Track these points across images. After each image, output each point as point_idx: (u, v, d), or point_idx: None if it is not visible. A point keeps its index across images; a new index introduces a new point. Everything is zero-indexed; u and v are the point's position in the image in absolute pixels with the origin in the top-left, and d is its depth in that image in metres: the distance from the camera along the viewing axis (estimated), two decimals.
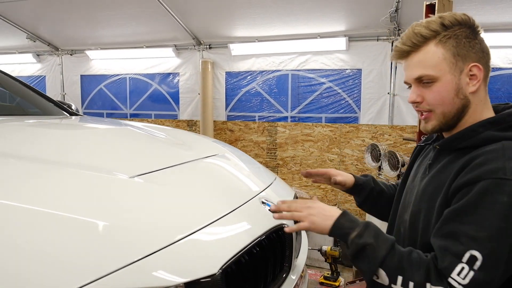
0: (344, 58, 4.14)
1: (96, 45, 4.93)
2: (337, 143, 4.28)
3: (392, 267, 0.82)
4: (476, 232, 0.77)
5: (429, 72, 0.89)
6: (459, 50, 0.88)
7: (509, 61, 3.51)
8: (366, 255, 0.85)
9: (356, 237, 0.86)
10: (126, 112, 5.14)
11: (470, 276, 0.75)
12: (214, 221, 0.86)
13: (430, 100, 0.91)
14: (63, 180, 0.84)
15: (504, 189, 0.77)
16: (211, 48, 4.61)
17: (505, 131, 0.87)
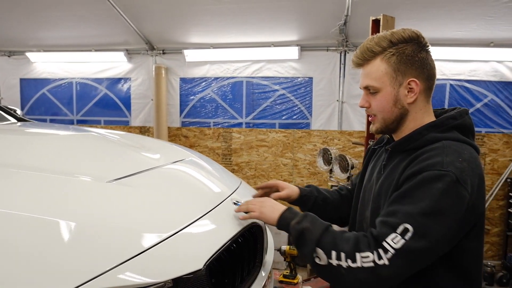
0: (296, 66, 4.33)
1: (38, 46, 4.65)
2: (290, 148, 4.44)
3: (327, 244, 0.93)
4: (411, 209, 0.88)
5: (373, 84, 1.05)
6: (399, 66, 1.02)
7: (441, 72, 3.90)
8: (304, 237, 0.96)
9: (295, 223, 0.99)
10: (73, 118, 4.89)
11: (401, 243, 0.85)
12: (194, 221, 0.90)
13: (374, 107, 1.07)
14: (37, 185, 0.83)
15: (440, 178, 0.89)
16: (165, 53, 4.57)
17: (444, 132, 1.02)
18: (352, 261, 0.88)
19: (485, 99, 3.88)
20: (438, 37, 3.64)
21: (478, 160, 0.98)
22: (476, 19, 3.34)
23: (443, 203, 0.87)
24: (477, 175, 0.93)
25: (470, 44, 3.67)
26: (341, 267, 0.89)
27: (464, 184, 0.89)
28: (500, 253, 3.95)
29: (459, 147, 0.98)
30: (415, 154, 0.99)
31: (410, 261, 0.87)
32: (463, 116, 1.05)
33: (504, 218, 3.87)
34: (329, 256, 0.91)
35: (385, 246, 0.87)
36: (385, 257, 0.86)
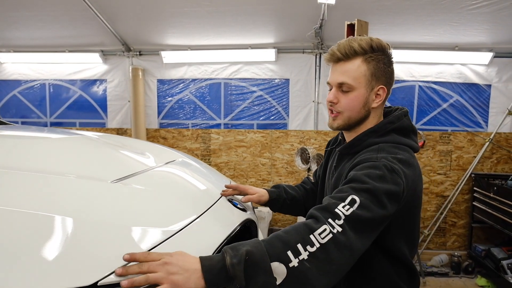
0: (273, 68, 4.42)
1: (8, 47, 4.50)
2: (268, 148, 4.53)
3: (277, 249, 0.80)
4: (356, 186, 0.94)
5: (350, 82, 1.09)
6: (376, 71, 1.10)
7: (410, 74, 4.12)
8: (252, 264, 0.77)
9: (232, 258, 0.77)
10: (46, 120, 4.76)
11: (351, 210, 0.88)
12: (196, 218, 0.96)
13: (343, 104, 1.12)
14: (49, 186, 0.86)
15: (376, 167, 0.98)
16: (142, 55, 4.54)
17: (382, 136, 1.12)
18: (310, 245, 0.81)
19: (450, 99, 4.13)
20: (407, 41, 3.85)
21: (411, 161, 1.06)
22: (443, 25, 3.56)
23: (382, 185, 0.94)
24: (410, 170, 1.02)
25: (437, 48, 3.90)
26: (304, 262, 0.79)
27: (397, 173, 0.97)
28: (466, 243, 4.20)
29: (393, 148, 1.07)
30: (355, 158, 1.10)
31: (360, 226, 0.88)
32: (401, 119, 1.14)
33: (469, 211, 4.12)
34: (287, 260, 0.78)
35: (337, 212, 0.87)
36: (337, 224, 0.85)
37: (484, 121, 4.12)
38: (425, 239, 4.22)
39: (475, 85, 4.07)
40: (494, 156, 4.11)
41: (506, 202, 3.36)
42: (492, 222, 3.61)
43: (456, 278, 3.90)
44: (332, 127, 1.17)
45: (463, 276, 3.93)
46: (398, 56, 4.00)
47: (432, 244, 4.28)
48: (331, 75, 1.14)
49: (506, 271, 3.43)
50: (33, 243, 0.69)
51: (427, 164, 4.20)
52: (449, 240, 4.27)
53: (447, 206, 4.17)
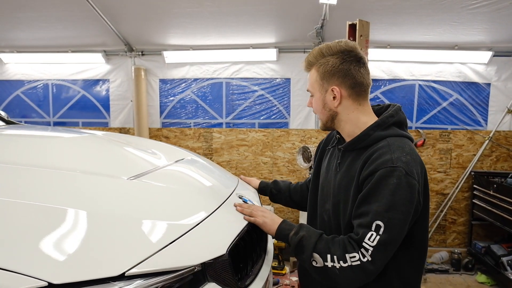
0: (274, 68, 4.46)
1: (11, 47, 4.52)
2: (269, 147, 4.57)
3: (322, 249, 1.09)
4: (378, 208, 1.05)
5: (310, 89, 1.27)
6: (324, 75, 1.21)
7: (410, 73, 4.16)
8: (302, 245, 1.11)
9: (293, 234, 1.14)
10: (49, 120, 4.79)
11: (377, 239, 1.03)
12: (211, 212, 1.00)
13: (313, 108, 1.29)
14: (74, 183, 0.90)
15: (393, 174, 1.07)
16: (144, 55, 4.57)
17: (386, 130, 1.21)
18: (343, 262, 1.05)
19: (450, 98, 4.18)
20: (408, 40, 3.89)
21: (415, 150, 1.18)
22: (442, 24, 3.60)
23: (400, 194, 1.05)
24: (418, 163, 1.13)
25: (437, 47, 3.95)
26: (335, 268, 1.06)
27: (412, 175, 1.07)
28: (466, 241, 4.25)
29: (400, 142, 1.17)
30: (367, 154, 1.17)
31: (387, 251, 1.05)
32: (398, 113, 1.25)
33: (469, 208, 4.17)
34: (324, 259, 1.07)
35: (365, 245, 1.04)
36: (367, 255, 1.04)
37: (483, 120, 4.17)
38: None
39: (475, 83, 4.11)
40: (493, 154, 4.16)
41: (506, 200, 3.41)
42: (492, 219, 3.66)
43: (456, 275, 3.95)
44: (321, 127, 1.34)
45: (463, 273, 3.98)
46: (398, 56, 4.05)
47: (432, 242, 4.33)
48: None
49: (506, 268, 3.48)
50: (63, 235, 0.73)
51: (427, 162, 4.24)
52: (449, 237, 4.32)
53: (447, 203, 4.21)
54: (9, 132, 1.46)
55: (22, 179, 0.89)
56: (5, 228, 0.70)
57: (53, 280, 0.63)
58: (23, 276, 0.62)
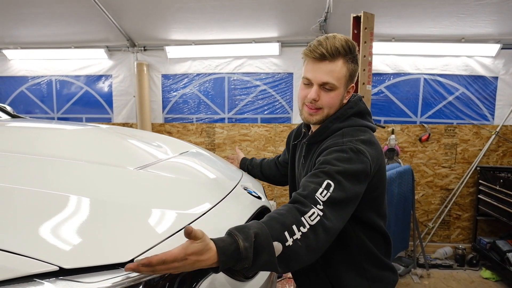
0: (277, 62, 4.43)
1: (15, 44, 4.52)
2: (272, 142, 4.55)
3: (277, 230, 0.89)
4: (329, 170, 1.04)
5: (334, 82, 1.16)
6: (352, 72, 1.19)
7: (416, 67, 4.12)
8: (259, 245, 0.85)
9: (244, 241, 0.83)
10: (53, 116, 4.80)
11: (328, 195, 0.99)
12: (218, 202, 0.99)
13: (324, 102, 1.19)
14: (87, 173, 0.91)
15: (342, 149, 1.09)
16: (146, 50, 4.55)
17: (344, 121, 1.21)
18: (302, 226, 0.93)
19: (456, 92, 4.14)
20: (413, 33, 3.84)
21: (372, 140, 1.18)
22: (449, 17, 3.55)
23: (351, 166, 1.05)
24: (373, 149, 1.13)
25: (443, 40, 3.90)
26: (297, 241, 0.90)
27: (363, 153, 1.08)
28: (470, 236, 4.22)
29: (356, 132, 1.17)
30: (322, 145, 1.19)
31: (338, 210, 1.00)
32: (357, 104, 1.25)
33: (474, 204, 4.14)
34: (284, 240, 0.89)
35: (317, 198, 0.98)
36: (318, 208, 0.97)
37: (490, 114, 4.12)
38: (429, 232, 4.24)
39: (482, 77, 4.06)
40: (500, 149, 4.12)
41: None
42: (498, 214, 3.63)
43: (461, 271, 3.93)
44: (310, 121, 1.24)
45: (468, 269, 3.95)
46: (403, 49, 4.01)
47: (436, 237, 4.30)
48: (314, 72, 1.16)
49: (511, 263, 3.45)
50: (73, 222, 0.73)
51: (431, 157, 4.21)
52: (453, 233, 4.29)
53: (451, 199, 4.18)
54: (16, 124, 1.46)
55: (32, 168, 0.90)
56: (17, 214, 0.71)
57: (64, 264, 0.64)
58: (35, 260, 0.63)
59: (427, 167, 4.23)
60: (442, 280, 3.72)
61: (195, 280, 0.83)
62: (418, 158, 4.23)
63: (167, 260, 0.70)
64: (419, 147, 4.21)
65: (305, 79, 1.19)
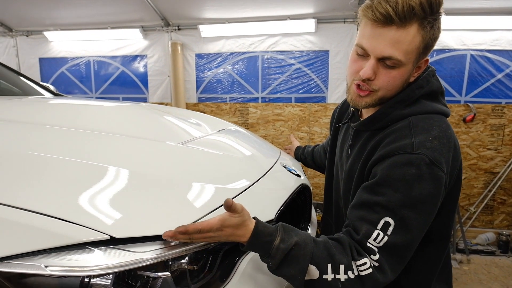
0: (312, 40, 4.30)
1: (55, 25, 4.67)
2: (306, 122, 4.48)
3: (321, 257, 0.79)
4: (388, 201, 0.80)
5: (400, 57, 0.83)
6: (430, 42, 0.84)
7: (462, 42, 3.86)
8: (294, 256, 0.77)
9: (282, 241, 0.78)
10: (92, 95, 4.96)
11: (384, 240, 0.79)
12: (258, 179, 0.98)
13: (381, 83, 0.86)
14: (138, 147, 0.95)
15: (412, 163, 0.80)
16: (180, 29, 4.56)
17: (410, 106, 0.90)
18: (351, 271, 0.79)
19: (507, 69, 3.84)
20: (460, 6, 3.58)
21: (448, 131, 0.87)
22: None
23: (420, 189, 0.79)
24: (451, 150, 0.85)
25: (493, 13, 3.60)
26: (338, 282, 0.78)
27: (439, 165, 0.81)
28: None
29: (427, 122, 0.87)
30: (381, 136, 0.90)
31: (396, 257, 0.80)
32: (429, 81, 0.93)
33: None
34: (323, 271, 0.78)
35: (371, 247, 0.80)
36: (373, 259, 0.80)
37: None
38: (470, 216, 4.06)
39: None
40: None
41: None
42: None
43: (504, 257, 3.76)
44: (358, 105, 0.93)
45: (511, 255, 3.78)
46: (448, 23, 3.75)
47: (478, 222, 4.12)
48: (373, 40, 0.83)
49: None
50: (123, 194, 0.75)
51: (476, 139, 3.99)
52: (496, 218, 4.09)
53: (496, 183, 3.97)
54: (61, 101, 1.51)
55: (79, 141, 0.93)
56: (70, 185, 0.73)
57: (115, 234, 0.66)
58: (89, 229, 0.65)
59: (471, 149, 4.02)
60: (483, 266, 3.58)
61: (237, 255, 0.83)
62: (461, 140, 4.02)
63: (203, 229, 0.71)
64: (463, 128, 3.99)
65: (358, 48, 0.87)
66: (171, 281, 0.68)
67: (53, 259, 0.58)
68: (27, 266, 0.57)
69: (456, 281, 3.16)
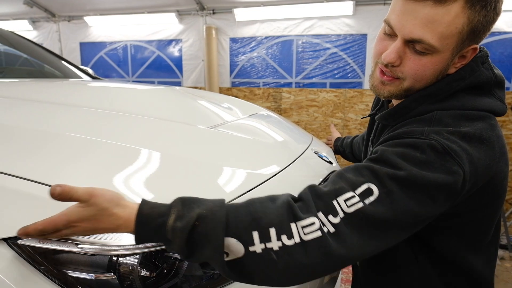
0: (350, 23, 4.15)
1: (95, 11, 4.80)
2: (341, 108, 4.36)
3: (241, 226, 0.59)
4: (380, 169, 0.63)
5: (433, 42, 0.67)
6: (481, 27, 0.67)
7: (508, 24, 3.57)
8: (200, 233, 0.57)
9: (177, 219, 0.57)
10: (128, 79, 5.10)
11: (357, 206, 0.61)
12: (286, 166, 0.96)
13: (408, 71, 0.71)
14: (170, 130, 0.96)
15: (416, 145, 0.65)
16: (215, 13, 4.54)
17: (442, 101, 0.72)
18: (287, 236, 0.58)
19: None
20: None
21: (487, 135, 0.67)
22: None
23: (425, 174, 0.62)
24: (481, 156, 0.65)
25: None
26: (271, 252, 0.58)
27: (456, 157, 0.63)
28: None
29: (455, 119, 0.69)
30: (397, 126, 0.76)
31: (366, 232, 0.61)
32: (474, 71, 0.73)
33: None
34: (248, 242, 0.58)
35: (334, 206, 0.61)
36: (330, 221, 0.60)
37: None
38: None
39: None
40: None
41: None
42: None
43: None
44: (379, 93, 0.77)
45: None
46: None
47: None
48: (402, 17, 0.68)
49: None
50: (154, 175, 0.76)
51: None
52: None
53: None
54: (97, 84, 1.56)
55: (112, 123, 0.95)
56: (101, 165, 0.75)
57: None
58: None
59: None
60: None
61: None
62: (508, 130, 3.77)
63: (46, 229, 0.55)
64: (511, 117, 3.73)
65: (386, 25, 0.72)
66: (197, 264, 0.68)
67: (83, 237, 0.60)
68: (59, 243, 0.59)
69: (497, 278, 3.01)
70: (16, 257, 0.58)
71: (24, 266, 0.58)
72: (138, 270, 0.63)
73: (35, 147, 0.75)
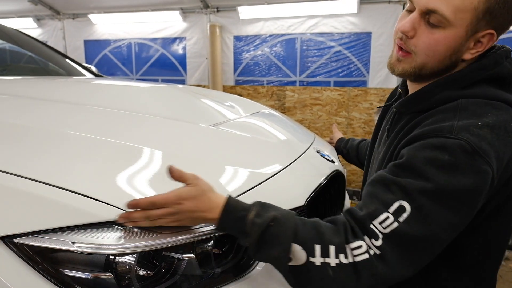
0: (354, 21, 4.12)
1: (99, 8, 4.81)
2: (345, 107, 4.34)
3: (307, 237, 0.66)
4: (408, 183, 0.66)
5: (447, 14, 0.69)
6: (497, 8, 0.68)
7: None
8: (273, 234, 0.66)
9: (256, 215, 0.67)
10: (132, 77, 5.11)
11: (393, 226, 0.64)
12: (290, 163, 0.95)
13: (421, 44, 0.73)
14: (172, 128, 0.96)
15: (446, 148, 0.65)
16: (219, 11, 4.53)
17: (466, 89, 0.74)
18: (344, 255, 0.65)
19: None
20: None
21: (511, 124, 0.69)
22: None
23: (453, 181, 0.63)
24: (509, 144, 0.67)
25: None
26: (327, 267, 0.64)
27: (484, 156, 0.64)
28: None
29: (481, 107, 0.70)
30: (420, 118, 0.76)
31: (407, 249, 0.64)
32: (498, 63, 0.74)
33: None
34: (310, 252, 0.65)
35: (372, 229, 0.65)
36: (374, 245, 0.65)
37: None
38: None
39: None
40: None
41: None
42: None
43: None
44: (394, 70, 0.79)
45: None
46: None
47: None
48: None
49: None
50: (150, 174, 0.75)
51: None
52: None
53: None
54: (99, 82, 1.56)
55: (113, 121, 0.95)
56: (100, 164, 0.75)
57: None
58: (115, 208, 0.64)
59: None
60: None
61: None
62: None
63: (158, 202, 0.64)
64: None
65: (409, 1, 0.75)
66: (195, 263, 0.68)
67: (80, 236, 0.59)
68: (56, 242, 0.58)
69: (501, 278, 2.99)
70: (13, 256, 0.58)
71: (20, 265, 0.57)
72: (136, 269, 0.62)
73: (36, 145, 0.75)
